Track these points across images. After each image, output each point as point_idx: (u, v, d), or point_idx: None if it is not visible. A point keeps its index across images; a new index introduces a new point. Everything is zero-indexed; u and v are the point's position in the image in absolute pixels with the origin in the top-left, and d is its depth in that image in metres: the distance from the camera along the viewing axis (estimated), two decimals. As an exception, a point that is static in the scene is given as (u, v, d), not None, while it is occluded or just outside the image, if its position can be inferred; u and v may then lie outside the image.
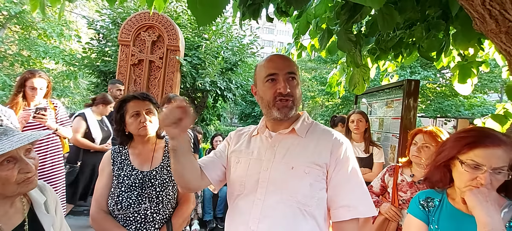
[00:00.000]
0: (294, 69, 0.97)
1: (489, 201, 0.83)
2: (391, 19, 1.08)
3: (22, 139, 0.81)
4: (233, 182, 1.02)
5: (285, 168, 0.93)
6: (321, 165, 0.93)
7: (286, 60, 0.99)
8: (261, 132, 1.06)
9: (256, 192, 0.94)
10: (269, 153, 0.98)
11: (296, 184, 0.91)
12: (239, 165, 1.03)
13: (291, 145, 0.97)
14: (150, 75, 4.20)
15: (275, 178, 0.93)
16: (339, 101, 15.17)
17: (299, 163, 0.93)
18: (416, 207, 1.05)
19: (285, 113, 0.95)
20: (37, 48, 9.21)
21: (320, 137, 0.99)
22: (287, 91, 0.93)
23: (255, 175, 0.96)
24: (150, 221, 1.25)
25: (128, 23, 4.13)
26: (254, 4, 1.36)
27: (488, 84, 14.56)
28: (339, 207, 0.91)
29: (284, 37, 42.67)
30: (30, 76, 2.13)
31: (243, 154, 1.04)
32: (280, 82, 0.94)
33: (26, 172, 0.83)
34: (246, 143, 1.07)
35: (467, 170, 0.89)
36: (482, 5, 0.96)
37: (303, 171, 0.91)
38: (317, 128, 1.03)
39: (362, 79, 1.67)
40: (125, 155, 1.35)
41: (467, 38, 1.24)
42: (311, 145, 0.96)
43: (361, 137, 2.47)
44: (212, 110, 7.13)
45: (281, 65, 0.97)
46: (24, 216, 0.88)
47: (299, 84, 1.00)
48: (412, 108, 2.20)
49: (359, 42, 1.47)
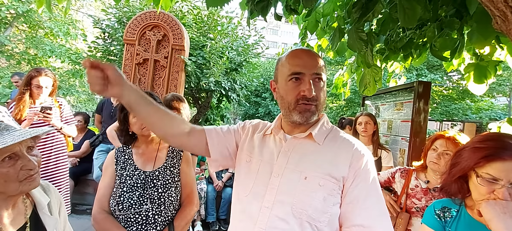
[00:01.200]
0: (322, 68, 0.87)
1: (507, 213, 0.78)
2: (412, 14, 1.03)
3: (24, 134, 0.78)
4: (242, 181, 0.95)
5: (298, 177, 0.84)
6: (338, 178, 0.83)
7: (314, 57, 0.88)
8: (275, 132, 0.96)
9: (264, 198, 0.86)
10: (281, 158, 0.89)
11: (308, 197, 0.82)
12: (250, 164, 0.95)
13: (307, 152, 0.88)
14: (154, 75, 4.18)
15: (286, 187, 0.84)
16: (344, 103, 15.05)
17: (314, 173, 0.84)
18: (431, 217, 1.00)
19: (307, 118, 0.86)
20: (43, 46, 9.29)
21: (340, 145, 0.89)
22: (312, 95, 0.83)
23: (265, 179, 0.88)
24: (151, 222, 1.22)
25: (133, 22, 4.12)
26: (263, 1, 1.32)
27: (496, 88, 14.32)
28: (352, 226, 0.81)
29: (288, 38, 42.64)
30: (36, 74, 2.14)
31: (255, 154, 0.95)
32: (306, 83, 0.84)
33: (29, 169, 0.80)
34: (260, 142, 0.98)
35: (483, 184, 0.84)
36: (505, 2, 0.91)
37: (318, 183, 0.82)
38: (337, 135, 0.93)
39: (373, 80, 1.62)
40: (129, 154, 1.34)
41: (484, 36, 1.18)
42: (329, 154, 0.87)
43: (369, 140, 2.41)
44: (216, 110, 7.10)
45: (308, 63, 0.86)
46: (26, 218, 0.85)
47: (325, 85, 0.89)
48: (423, 111, 2.14)
49: (370, 41, 1.42)
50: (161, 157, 1.36)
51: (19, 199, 0.85)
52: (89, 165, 3.65)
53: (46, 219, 0.88)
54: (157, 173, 1.30)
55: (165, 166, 1.33)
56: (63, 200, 1.02)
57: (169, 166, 1.34)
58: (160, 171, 1.31)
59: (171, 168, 1.34)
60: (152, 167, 1.32)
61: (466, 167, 0.89)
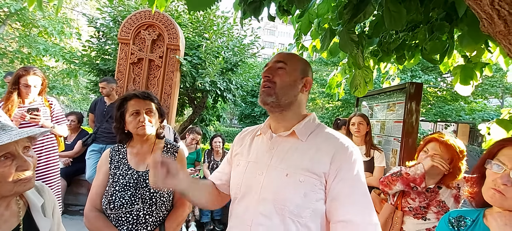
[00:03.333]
0: (284, 58, 0.95)
1: (508, 224, 0.79)
2: (398, 17, 1.04)
3: (21, 133, 0.77)
4: (232, 185, 1.00)
5: (280, 174, 0.87)
6: (318, 173, 0.85)
7: (283, 53, 0.98)
8: (263, 132, 1.00)
9: (250, 197, 0.90)
10: (266, 156, 0.93)
11: (289, 193, 0.84)
12: (238, 168, 0.99)
13: (289, 149, 0.91)
14: (149, 74, 4.16)
15: (269, 184, 0.87)
16: (340, 104, 15.14)
17: (295, 170, 0.86)
18: (445, 225, 0.99)
19: (263, 99, 0.92)
20: (37, 45, 9.17)
21: (323, 141, 0.90)
22: (266, 75, 0.92)
23: (251, 179, 0.92)
24: (142, 222, 1.22)
25: (128, 21, 4.10)
26: (255, 2, 1.33)
27: (489, 90, 14.54)
28: (337, 222, 0.82)
29: (285, 38, 42.73)
30: (24, 73, 2.09)
31: (244, 156, 1.00)
32: (267, 68, 0.95)
33: (24, 169, 0.79)
34: (249, 144, 1.03)
35: (489, 168, 0.85)
36: (491, 5, 0.92)
37: (298, 179, 0.84)
38: (321, 132, 0.94)
39: (364, 81, 1.64)
40: (123, 153, 1.34)
41: (474, 40, 1.20)
42: (311, 150, 0.88)
43: (362, 140, 2.43)
44: (212, 110, 7.10)
45: (274, 57, 0.97)
46: (20, 219, 0.83)
47: (290, 75, 0.93)
48: (415, 111, 2.16)
49: (361, 43, 1.44)
50: (155, 157, 1.36)
51: (13, 200, 0.84)
52: (82, 165, 3.61)
53: (39, 221, 0.87)
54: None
55: (158, 166, 1.33)
56: (57, 201, 1.01)
57: (162, 166, 1.33)
58: (152, 171, 1.30)
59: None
60: (145, 167, 1.32)
61: (483, 161, 0.90)
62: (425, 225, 1.50)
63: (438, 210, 1.49)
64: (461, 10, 1.17)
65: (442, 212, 1.48)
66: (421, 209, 1.52)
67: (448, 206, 1.48)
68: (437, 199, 1.50)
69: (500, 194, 0.81)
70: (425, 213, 1.51)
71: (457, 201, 1.50)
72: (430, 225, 1.49)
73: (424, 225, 1.50)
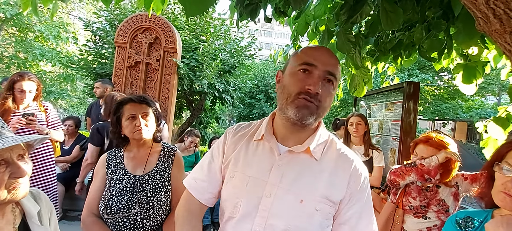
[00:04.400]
0: (336, 70, 0.77)
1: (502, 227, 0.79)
2: (395, 17, 1.04)
3: (16, 140, 0.75)
4: (225, 200, 0.84)
5: (293, 200, 0.75)
6: (335, 201, 0.76)
7: (332, 57, 0.78)
8: (266, 139, 0.83)
9: (253, 222, 0.76)
10: (275, 175, 0.78)
11: (303, 223, 0.74)
12: (233, 180, 0.83)
13: (303, 170, 0.78)
14: (146, 78, 4.15)
15: (279, 210, 0.75)
16: (338, 104, 15.16)
17: (311, 196, 0.75)
18: (452, 225, 0.99)
19: (303, 116, 0.74)
20: (33, 50, 9.13)
21: (338, 163, 0.80)
22: (316, 92, 0.73)
23: (255, 200, 0.77)
24: (139, 226, 1.21)
25: (124, 25, 4.09)
26: (252, 4, 1.33)
27: (486, 87, 14.64)
28: None
29: (282, 39, 42.82)
30: (19, 79, 2.08)
31: (239, 167, 0.83)
32: (314, 78, 0.74)
33: (18, 177, 0.77)
34: (245, 150, 0.85)
35: (498, 170, 0.85)
36: (486, 4, 0.93)
37: (314, 207, 0.74)
38: (334, 148, 0.83)
39: (363, 82, 1.64)
40: (120, 158, 1.33)
41: (469, 37, 1.21)
42: (326, 172, 0.78)
43: (361, 140, 2.43)
44: (210, 113, 7.09)
45: (324, 58, 0.76)
46: (15, 228, 0.82)
47: (334, 91, 0.79)
48: (412, 111, 2.17)
49: (358, 43, 1.44)
50: (152, 161, 1.35)
51: (8, 208, 0.82)
52: (80, 170, 3.59)
53: (35, 229, 0.85)
54: (147, 177, 1.28)
55: (155, 170, 1.32)
56: (54, 208, 0.99)
57: (160, 170, 1.33)
58: (150, 175, 1.29)
59: (162, 173, 1.33)
60: (142, 171, 1.31)
61: (491, 162, 0.90)
62: (425, 224, 1.50)
63: (438, 208, 1.49)
64: (457, 9, 1.18)
65: (442, 211, 1.48)
66: (421, 208, 1.52)
67: (448, 204, 1.49)
68: (437, 198, 1.51)
69: (511, 198, 0.81)
70: (425, 211, 1.51)
71: (456, 199, 1.51)
72: (431, 224, 1.49)
73: (425, 224, 1.50)
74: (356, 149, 2.42)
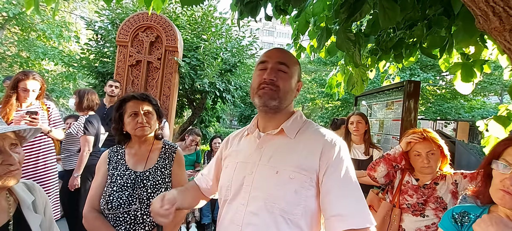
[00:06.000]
0: (286, 60, 0.93)
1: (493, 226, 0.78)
2: (393, 14, 1.04)
3: (6, 128, 0.80)
4: (221, 187, 0.99)
5: (270, 172, 0.87)
6: (308, 169, 0.85)
7: (281, 51, 0.96)
8: (251, 131, 1.00)
9: (239, 197, 0.89)
10: (255, 155, 0.93)
11: (280, 190, 0.84)
12: (227, 169, 0.99)
13: (279, 147, 0.91)
14: (148, 76, 4.16)
15: (259, 183, 0.87)
16: (339, 104, 15.13)
17: (285, 167, 0.86)
18: (448, 220, 0.99)
19: (265, 101, 0.89)
20: (36, 49, 9.18)
21: (310, 137, 0.91)
22: (270, 79, 0.89)
23: (240, 179, 0.91)
24: (140, 222, 1.23)
25: (126, 24, 4.10)
26: (252, 2, 1.33)
27: (488, 87, 14.54)
28: (330, 217, 0.81)
29: (284, 39, 42.78)
30: (24, 78, 2.11)
31: (232, 158, 1.00)
32: (268, 70, 0.91)
33: (9, 164, 0.81)
34: (236, 145, 1.03)
35: (495, 168, 0.85)
36: (485, 2, 0.93)
37: (288, 176, 0.85)
38: (309, 128, 0.96)
39: (361, 80, 1.64)
40: (121, 154, 1.35)
41: (469, 35, 1.21)
42: (299, 147, 0.89)
43: (361, 139, 2.43)
44: (211, 112, 7.09)
45: (273, 55, 0.94)
46: (10, 216, 0.85)
47: (291, 79, 0.93)
48: (413, 110, 2.17)
49: (358, 42, 1.44)
50: (153, 157, 1.36)
51: (2, 196, 0.86)
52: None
53: (30, 217, 0.88)
54: (148, 173, 1.30)
55: (156, 166, 1.33)
56: (49, 200, 1.02)
57: (160, 167, 1.34)
58: (150, 172, 1.31)
59: (162, 169, 1.34)
60: (143, 168, 1.32)
61: (488, 160, 0.90)
62: (423, 222, 1.50)
63: (436, 206, 1.49)
64: (457, 8, 1.18)
65: (440, 208, 1.48)
66: (419, 206, 1.52)
67: (446, 202, 1.49)
68: (435, 195, 1.51)
69: (510, 195, 0.81)
70: (423, 209, 1.51)
71: (455, 197, 1.50)
72: (429, 222, 1.49)
73: (423, 222, 1.50)
74: (357, 147, 2.42)
